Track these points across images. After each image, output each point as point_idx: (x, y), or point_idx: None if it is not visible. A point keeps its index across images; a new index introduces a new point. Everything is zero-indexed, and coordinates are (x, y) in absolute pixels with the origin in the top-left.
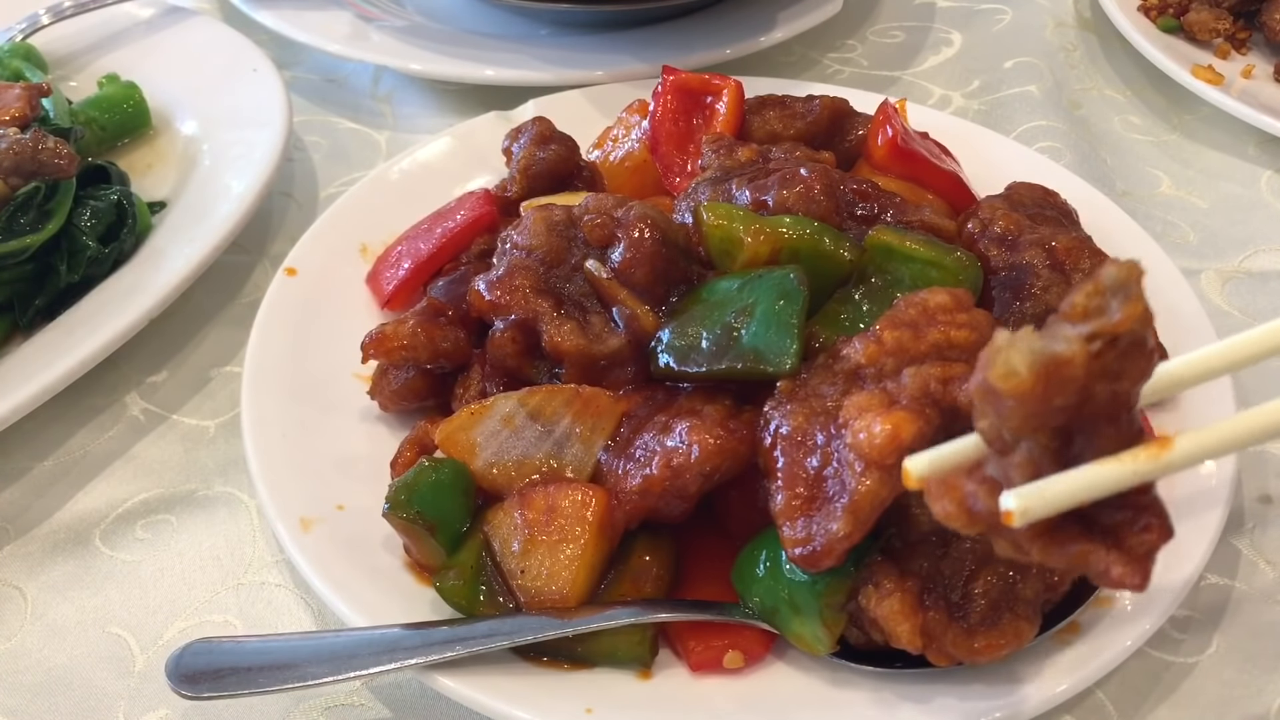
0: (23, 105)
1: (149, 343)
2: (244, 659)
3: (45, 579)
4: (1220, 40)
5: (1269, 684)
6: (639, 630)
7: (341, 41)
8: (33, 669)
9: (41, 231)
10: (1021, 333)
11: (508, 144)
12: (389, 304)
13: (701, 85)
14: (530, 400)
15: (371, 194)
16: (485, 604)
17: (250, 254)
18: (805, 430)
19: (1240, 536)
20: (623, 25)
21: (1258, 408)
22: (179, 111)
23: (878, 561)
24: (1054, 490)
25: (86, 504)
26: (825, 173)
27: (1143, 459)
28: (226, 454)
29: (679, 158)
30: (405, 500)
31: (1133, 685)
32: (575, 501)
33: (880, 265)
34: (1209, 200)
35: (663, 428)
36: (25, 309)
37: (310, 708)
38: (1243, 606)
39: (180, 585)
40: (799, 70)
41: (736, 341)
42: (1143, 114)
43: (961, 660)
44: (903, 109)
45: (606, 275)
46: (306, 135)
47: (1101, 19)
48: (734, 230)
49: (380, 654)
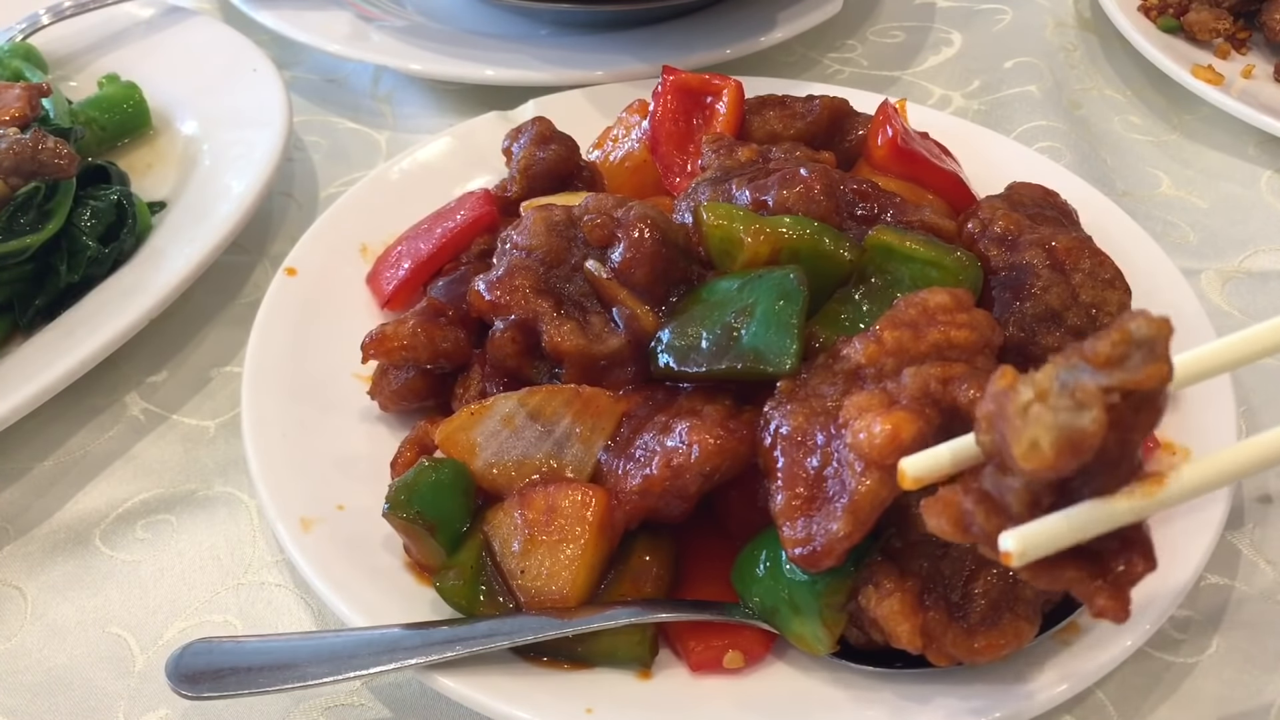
0: (23, 105)
1: (149, 343)
2: (244, 659)
3: (45, 579)
4: (1220, 40)
5: (1269, 684)
6: (639, 630)
7: (341, 41)
8: (33, 669)
9: (41, 231)
10: (1042, 390)
11: (508, 144)
12: (389, 304)
13: (701, 85)
14: (530, 400)
15: (371, 194)
16: (485, 604)
17: (250, 254)
18: (805, 430)
19: (1240, 536)
20: (623, 25)
21: (1253, 439)
22: (179, 111)
23: (878, 561)
24: (1052, 532)
25: (86, 504)
26: (825, 173)
27: (1138, 496)
28: (226, 454)
29: (679, 158)
30: (405, 500)
31: (1133, 685)
32: (575, 501)
33: (880, 265)
34: (1209, 200)
35: (663, 428)
36: (25, 309)
37: (310, 708)
38: (1243, 606)
39: (180, 585)
40: (799, 70)
41: (736, 341)
42: (1143, 114)
43: (961, 660)
44: (903, 109)
45: (606, 275)
46: (306, 135)
47: (1101, 19)
48: (734, 230)
49: (380, 654)
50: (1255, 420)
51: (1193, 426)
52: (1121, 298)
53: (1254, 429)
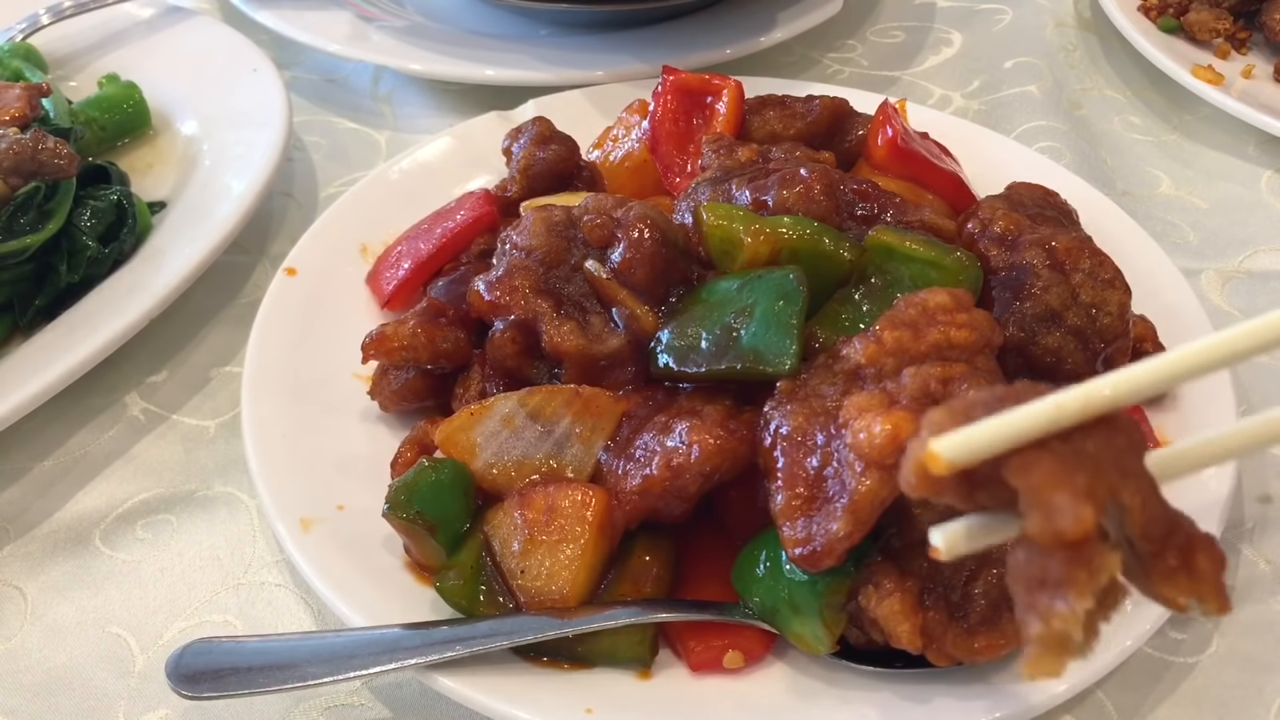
0: (23, 105)
1: (149, 343)
2: (244, 659)
3: (45, 579)
4: (1220, 40)
5: (1269, 684)
6: (639, 630)
7: (341, 41)
8: (33, 669)
9: (41, 231)
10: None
11: (508, 144)
12: (389, 304)
13: (701, 85)
14: (530, 400)
15: (371, 194)
16: (485, 604)
17: (250, 254)
18: (805, 430)
19: (1240, 536)
20: (623, 25)
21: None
22: (179, 111)
23: (878, 561)
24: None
25: (86, 504)
26: (825, 173)
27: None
28: (226, 454)
29: (679, 158)
30: (405, 500)
31: (1133, 685)
32: (575, 501)
33: (880, 265)
34: (1209, 200)
35: (663, 428)
36: (25, 309)
37: (310, 708)
38: (1243, 606)
39: (180, 585)
40: (799, 70)
41: (736, 342)
42: (1143, 114)
43: (961, 660)
44: (903, 109)
45: (606, 275)
46: (306, 135)
47: (1101, 19)
48: (734, 230)
49: (380, 654)
50: None
51: (1193, 426)
52: (1121, 298)
53: None
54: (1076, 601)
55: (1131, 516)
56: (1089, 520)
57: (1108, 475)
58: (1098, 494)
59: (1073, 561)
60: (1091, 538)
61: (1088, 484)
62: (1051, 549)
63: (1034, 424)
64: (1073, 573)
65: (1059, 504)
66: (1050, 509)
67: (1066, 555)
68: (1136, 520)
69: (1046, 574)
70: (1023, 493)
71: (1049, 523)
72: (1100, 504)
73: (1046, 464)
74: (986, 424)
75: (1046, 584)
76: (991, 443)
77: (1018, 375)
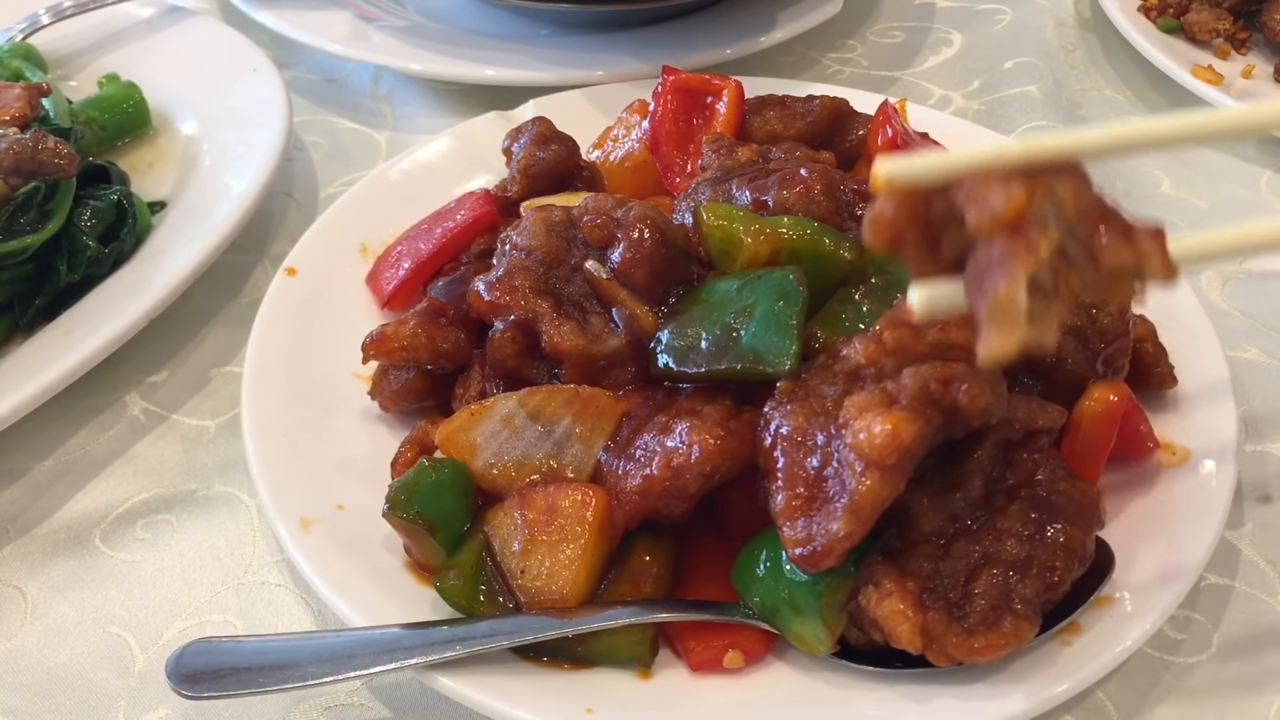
0: (23, 105)
1: (149, 343)
2: (244, 659)
3: (45, 579)
4: (1220, 40)
5: (1269, 684)
6: (639, 630)
7: (341, 41)
8: (33, 669)
9: (41, 231)
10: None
11: (508, 144)
12: (389, 304)
13: (701, 85)
14: (530, 400)
15: (371, 194)
16: (485, 604)
17: (250, 254)
18: (805, 430)
19: (1240, 536)
20: (623, 25)
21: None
22: (179, 111)
23: (878, 561)
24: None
25: (86, 504)
26: (825, 173)
27: None
28: (226, 454)
29: (679, 158)
30: (405, 500)
31: (1133, 685)
32: (575, 501)
33: (880, 265)
34: (1209, 200)
35: (663, 428)
36: (25, 309)
37: (310, 708)
38: (1243, 606)
39: (180, 585)
40: (799, 70)
41: (736, 342)
42: (1143, 114)
43: (961, 660)
44: (903, 109)
45: (606, 275)
46: (306, 135)
47: (1101, 19)
48: (734, 230)
49: (380, 654)
50: (1256, 420)
51: (1193, 426)
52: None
53: (1254, 429)
54: (1019, 269)
55: (1065, 204)
56: (1020, 197)
57: (1041, 175)
58: (1029, 182)
59: (1011, 239)
60: (1027, 219)
61: (1020, 178)
62: (991, 236)
63: (977, 160)
64: (1012, 247)
65: (993, 190)
66: (985, 197)
67: (1005, 237)
68: (1070, 206)
69: (990, 260)
70: (964, 199)
71: (985, 206)
72: (1031, 190)
73: (985, 174)
74: (928, 155)
75: (991, 268)
76: (931, 168)
77: (1017, 375)
